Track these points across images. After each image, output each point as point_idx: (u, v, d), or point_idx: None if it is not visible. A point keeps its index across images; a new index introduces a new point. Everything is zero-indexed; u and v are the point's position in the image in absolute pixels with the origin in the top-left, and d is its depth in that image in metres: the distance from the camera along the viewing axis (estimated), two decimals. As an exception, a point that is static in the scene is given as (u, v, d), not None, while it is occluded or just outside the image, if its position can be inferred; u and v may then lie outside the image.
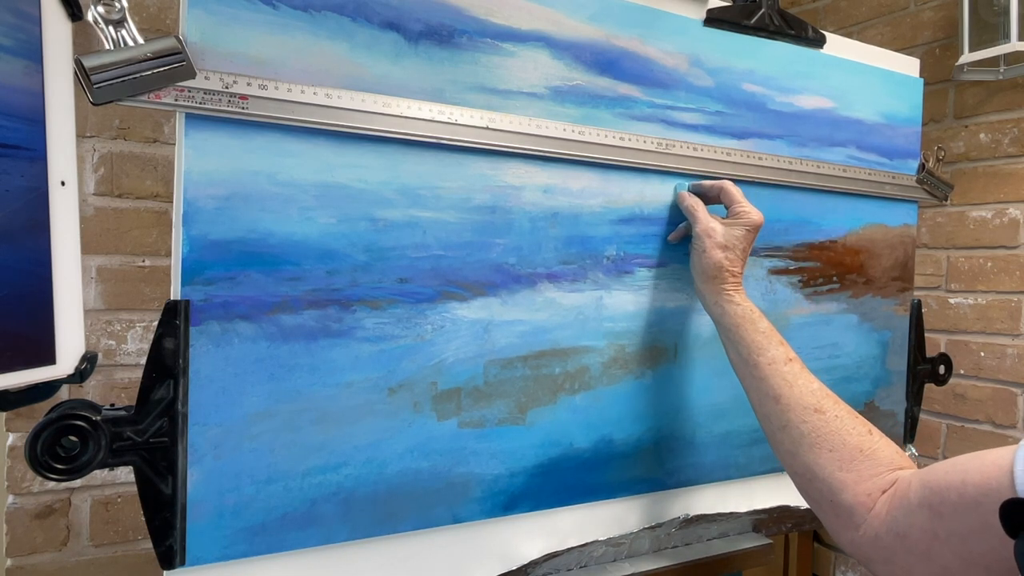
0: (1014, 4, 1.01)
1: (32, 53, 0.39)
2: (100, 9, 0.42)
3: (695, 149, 0.66)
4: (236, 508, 0.48)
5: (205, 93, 0.45)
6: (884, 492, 0.46)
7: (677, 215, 0.66)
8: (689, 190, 0.65)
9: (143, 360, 0.47)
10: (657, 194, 0.65)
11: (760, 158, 0.70)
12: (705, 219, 0.62)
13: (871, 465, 0.48)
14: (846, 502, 0.48)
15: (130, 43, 0.43)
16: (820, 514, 0.51)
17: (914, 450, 0.86)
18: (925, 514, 0.41)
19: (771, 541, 0.74)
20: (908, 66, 0.84)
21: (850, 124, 0.78)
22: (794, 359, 0.56)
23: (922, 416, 1.17)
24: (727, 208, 0.63)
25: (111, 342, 0.98)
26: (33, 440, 0.42)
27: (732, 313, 0.59)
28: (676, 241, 0.66)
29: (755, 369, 0.56)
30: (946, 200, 0.87)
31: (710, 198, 0.65)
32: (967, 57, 1.07)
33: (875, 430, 0.51)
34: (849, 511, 0.47)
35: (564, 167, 0.60)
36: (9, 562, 0.93)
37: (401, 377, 0.53)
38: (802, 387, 0.54)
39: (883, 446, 0.50)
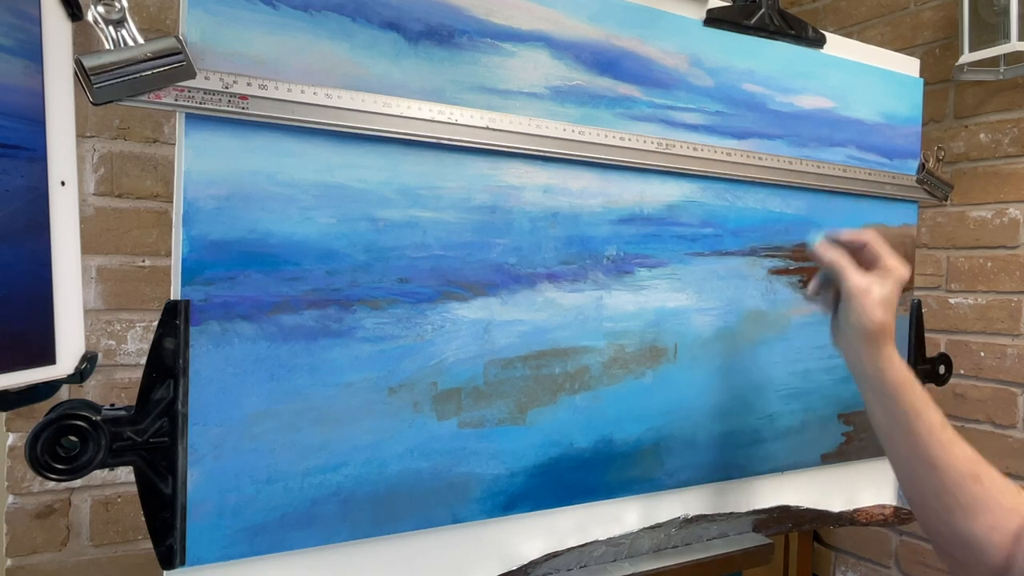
0: (1014, 4, 1.01)
1: (32, 53, 0.39)
2: (100, 9, 0.42)
3: (695, 149, 0.66)
4: (236, 508, 0.48)
5: (205, 93, 0.45)
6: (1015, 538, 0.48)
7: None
8: (826, 238, 0.59)
9: (143, 360, 0.47)
10: (657, 194, 0.65)
11: (760, 158, 0.70)
12: (855, 275, 0.56)
13: (1020, 520, 0.49)
14: (990, 563, 0.49)
15: (130, 43, 0.43)
16: (951, 568, 0.53)
17: None
18: None
19: (771, 541, 0.74)
20: (908, 66, 0.83)
21: (850, 124, 0.78)
22: (946, 423, 0.54)
23: (922, 416, 1.17)
24: (871, 264, 0.57)
25: (111, 342, 0.98)
26: (33, 440, 0.42)
27: (893, 377, 0.55)
28: (814, 295, 0.60)
29: (912, 436, 0.54)
30: (946, 200, 0.87)
31: (850, 251, 0.58)
32: (967, 57, 1.07)
33: (1020, 489, 0.52)
34: (987, 568, 0.49)
35: (564, 167, 0.60)
36: (9, 562, 0.93)
37: (401, 377, 0.53)
38: (959, 455, 0.53)
39: None
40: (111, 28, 0.42)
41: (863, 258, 0.58)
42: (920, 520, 0.55)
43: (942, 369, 0.88)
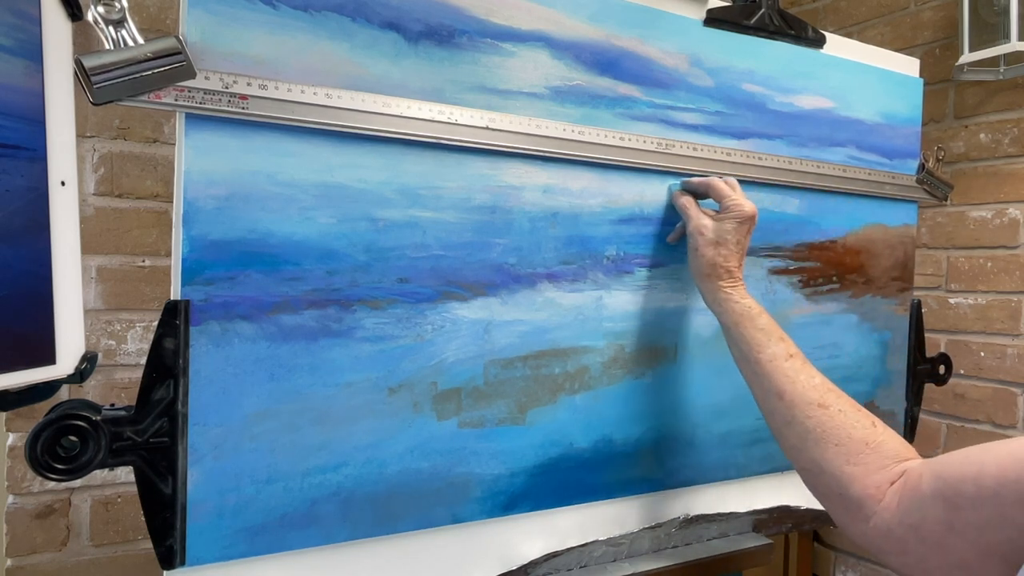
0: (1014, 4, 1.01)
1: (32, 53, 0.39)
2: (100, 9, 0.42)
3: (695, 149, 0.66)
4: (236, 508, 0.48)
5: (205, 93, 0.45)
6: (892, 484, 0.47)
7: (675, 215, 0.66)
8: (681, 188, 0.65)
9: (143, 360, 0.47)
10: (657, 194, 0.65)
11: (760, 158, 0.70)
12: (696, 216, 0.61)
13: (878, 458, 0.49)
14: (855, 495, 0.48)
15: (130, 43, 0.43)
16: (829, 508, 0.52)
17: None
18: (940, 506, 0.42)
19: (771, 541, 0.74)
20: (908, 66, 0.83)
21: (850, 124, 0.78)
22: (795, 354, 0.56)
23: (922, 416, 1.17)
24: (719, 204, 0.62)
25: (111, 342, 0.98)
26: (33, 440, 0.42)
27: (730, 311, 0.59)
28: (675, 241, 0.66)
29: (756, 366, 0.56)
30: (946, 200, 0.87)
31: (700, 196, 0.64)
32: (967, 57, 1.07)
33: (879, 422, 0.52)
34: (858, 504, 0.48)
35: (564, 167, 0.60)
36: (9, 562, 0.93)
37: (401, 377, 0.53)
38: (804, 383, 0.54)
39: (888, 438, 0.50)
40: (111, 28, 0.42)
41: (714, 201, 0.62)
42: (789, 458, 0.55)
43: (942, 369, 0.88)
